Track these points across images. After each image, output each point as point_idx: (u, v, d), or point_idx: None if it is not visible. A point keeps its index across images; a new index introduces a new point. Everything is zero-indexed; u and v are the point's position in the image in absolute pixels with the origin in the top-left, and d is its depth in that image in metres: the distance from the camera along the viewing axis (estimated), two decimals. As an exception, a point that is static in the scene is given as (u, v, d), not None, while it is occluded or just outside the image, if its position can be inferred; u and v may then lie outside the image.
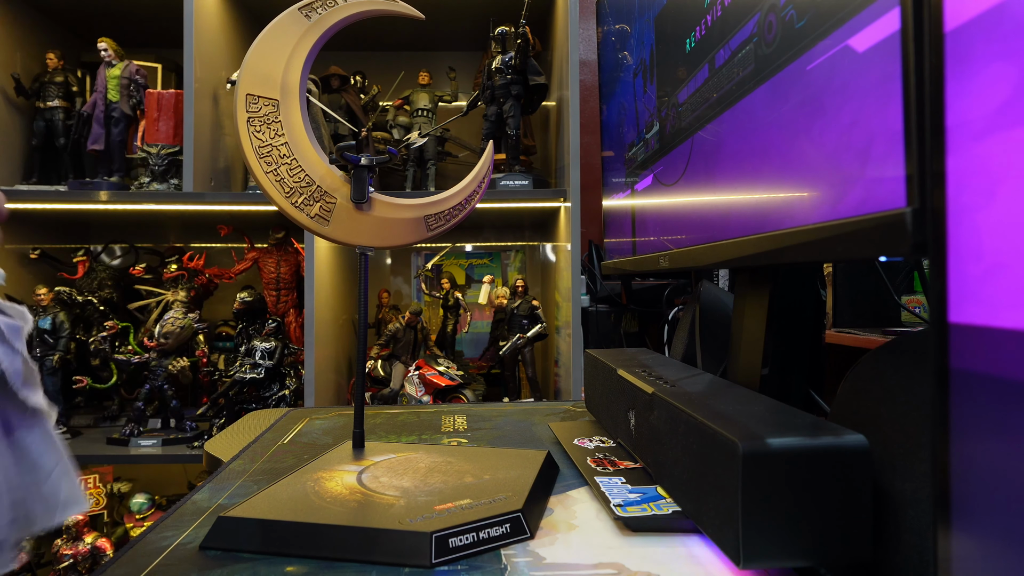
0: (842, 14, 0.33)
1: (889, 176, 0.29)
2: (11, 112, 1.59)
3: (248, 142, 0.54)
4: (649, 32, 0.69)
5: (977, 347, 0.22)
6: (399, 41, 1.81)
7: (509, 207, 1.50)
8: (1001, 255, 0.21)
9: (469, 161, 1.75)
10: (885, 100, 0.29)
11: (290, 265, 1.61)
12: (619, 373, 0.57)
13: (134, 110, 1.54)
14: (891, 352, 0.37)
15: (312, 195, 0.56)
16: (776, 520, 0.32)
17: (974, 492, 0.22)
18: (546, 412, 0.83)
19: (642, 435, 0.51)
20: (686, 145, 0.58)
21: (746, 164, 0.45)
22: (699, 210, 0.55)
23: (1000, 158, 0.22)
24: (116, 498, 1.56)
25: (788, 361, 0.60)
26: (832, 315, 1.29)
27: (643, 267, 0.71)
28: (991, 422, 0.22)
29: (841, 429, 0.34)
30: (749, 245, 0.43)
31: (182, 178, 1.42)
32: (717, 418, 0.37)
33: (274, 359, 1.49)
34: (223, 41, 1.56)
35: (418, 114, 1.64)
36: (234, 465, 0.60)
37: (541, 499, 0.49)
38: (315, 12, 0.56)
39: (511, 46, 1.44)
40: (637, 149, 0.75)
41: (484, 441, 0.68)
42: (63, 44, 1.67)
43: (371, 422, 0.78)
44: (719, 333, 0.74)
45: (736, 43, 0.47)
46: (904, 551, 0.32)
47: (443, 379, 1.42)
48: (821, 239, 0.34)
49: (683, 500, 0.42)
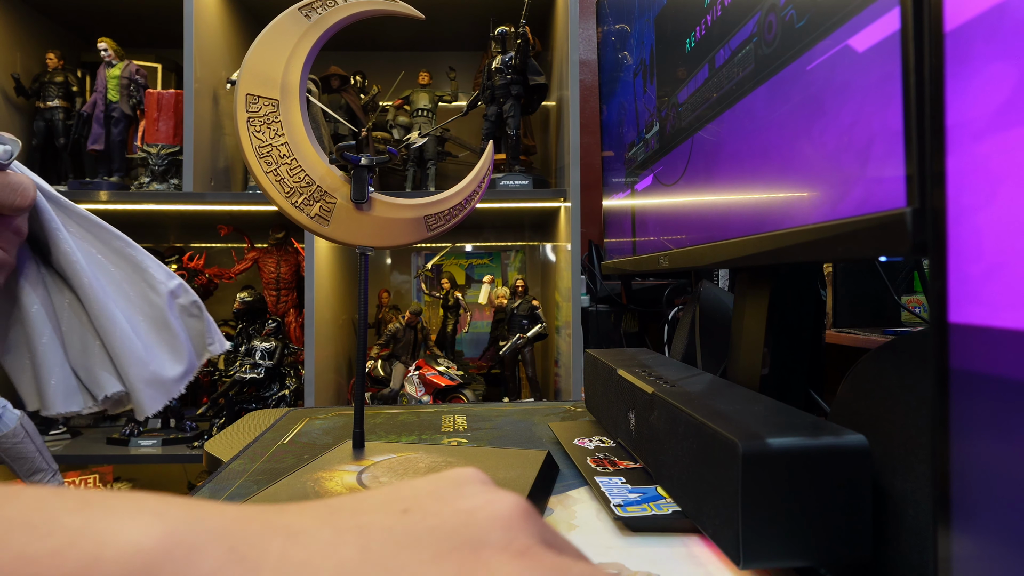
0: (842, 14, 0.33)
1: (889, 176, 0.29)
2: (11, 112, 1.59)
3: (248, 142, 0.54)
4: (649, 32, 0.69)
5: (977, 347, 0.22)
6: (399, 41, 1.81)
7: (509, 207, 1.50)
8: (1001, 255, 0.21)
9: (469, 161, 1.75)
10: (885, 100, 0.29)
11: (290, 265, 1.61)
12: (619, 373, 0.57)
13: (134, 110, 1.54)
14: (891, 352, 0.37)
15: (312, 195, 0.56)
16: (776, 520, 0.32)
17: (974, 492, 0.22)
18: (546, 412, 0.83)
19: (642, 435, 0.51)
20: (686, 145, 0.58)
21: (746, 164, 0.45)
22: (699, 210, 0.55)
23: (1000, 158, 0.22)
24: (116, 498, 1.55)
25: (788, 361, 0.60)
26: (832, 315, 1.29)
27: (643, 267, 0.71)
28: (991, 422, 0.22)
29: (841, 429, 0.34)
30: (749, 245, 0.43)
31: (182, 178, 1.42)
32: (717, 418, 0.37)
33: (274, 359, 1.49)
34: (223, 41, 1.56)
35: (418, 114, 1.64)
36: (234, 465, 0.60)
37: (541, 499, 0.49)
38: (315, 12, 0.56)
39: (511, 46, 1.44)
40: (637, 149, 0.75)
41: (484, 441, 0.68)
42: (63, 44, 1.67)
43: (371, 422, 0.78)
44: (719, 333, 0.74)
45: (736, 43, 0.47)
46: (904, 551, 0.32)
47: (443, 379, 1.42)
48: (821, 239, 0.34)
49: (683, 500, 0.42)
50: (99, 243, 0.44)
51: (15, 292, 0.42)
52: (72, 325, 0.43)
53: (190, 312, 0.47)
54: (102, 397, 0.43)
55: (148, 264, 0.46)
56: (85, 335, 0.43)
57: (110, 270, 0.44)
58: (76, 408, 0.42)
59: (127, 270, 0.45)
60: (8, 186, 0.36)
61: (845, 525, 0.33)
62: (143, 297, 0.45)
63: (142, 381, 0.43)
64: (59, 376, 0.42)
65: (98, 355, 0.43)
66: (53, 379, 0.41)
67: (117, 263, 0.45)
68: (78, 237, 0.43)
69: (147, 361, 0.43)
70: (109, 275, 0.44)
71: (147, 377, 0.43)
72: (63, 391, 0.42)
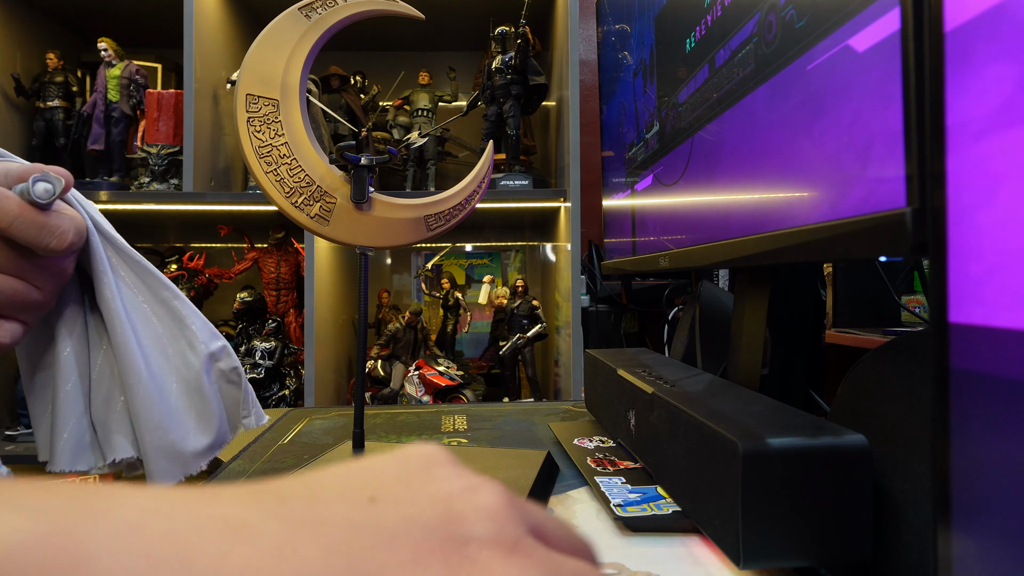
0: (842, 14, 0.33)
1: (889, 176, 0.29)
2: (11, 112, 1.59)
3: (248, 142, 0.54)
4: (649, 32, 0.69)
5: (977, 347, 0.22)
6: (399, 41, 1.81)
7: (509, 207, 1.50)
8: (1001, 255, 0.21)
9: (469, 161, 1.75)
10: (885, 100, 0.29)
11: (290, 265, 1.61)
12: (619, 373, 0.57)
13: (134, 110, 1.54)
14: (891, 352, 0.37)
15: (312, 195, 0.56)
16: (776, 520, 0.32)
17: (974, 492, 0.22)
18: (546, 412, 0.83)
19: (642, 435, 0.51)
20: (686, 145, 0.58)
21: (746, 164, 0.45)
22: (699, 210, 0.55)
23: (1000, 158, 0.22)
24: (116, 498, 1.55)
25: (788, 361, 0.60)
26: (832, 315, 1.29)
27: (643, 267, 0.71)
28: (991, 422, 0.22)
29: (841, 429, 0.34)
30: (749, 245, 0.43)
31: (182, 178, 1.42)
32: (717, 418, 0.37)
33: (274, 359, 1.49)
34: (223, 41, 1.56)
35: (418, 114, 1.64)
36: (234, 465, 0.60)
37: (541, 499, 0.49)
38: (315, 12, 0.56)
39: (511, 46, 1.44)
40: (637, 149, 0.75)
41: (484, 441, 0.68)
42: (63, 44, 1.67)
43: (371, 422, 0.78)
44: (719, 333, 0.74)
45: (736, 43, 0.47)
46: (904, 551, 0.32)
47: (443, 379, 1.42)
48: (821, 239, 0.34)
49: (683, 500, 0.42)
50: (147, 291, 0.42)
51: (53, 330, 0.40)
52: (103, 373, 0.41)
53: (229, 378, 0.44)
54: (111, 460, 0.40)
55: (192, 320, 0.43)
56: (112, 388, 0.41)
57: (152, 323, 0.42)
58: (83, 468, 0.40)
59: (169, 324, 0.42)
60: (45, 227, 0.34)
61: (845, 525, 0.33)
62: (181, 356, 0.42)
63: (157, 450, 0.40)
64: (72, 430, 0.39)
65: (118, 413, 0.41)
66: (66, 432, 0.39)
67: (161, 316, 0.42)
68: (127, 283, 0.41)
69: (168, 429, 0.40)
70: (151, 328, 0.41)
71: (163, 447, 0.40)
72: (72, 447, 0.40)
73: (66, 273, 0.38)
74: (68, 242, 0.35)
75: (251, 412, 0.46)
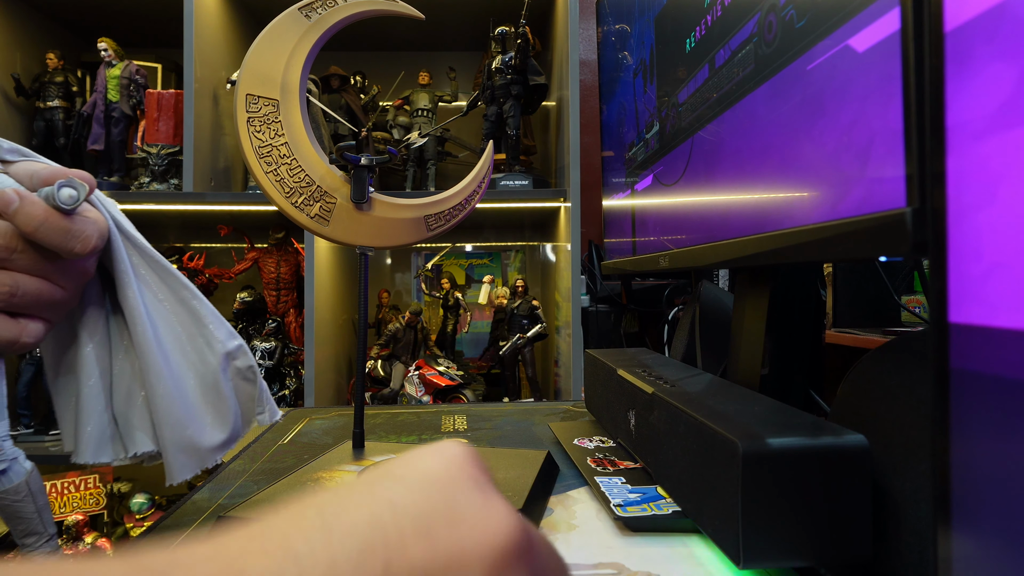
0: (842, 14, 0.33)
1: (889, 176, 0.29)
2: (11, 112, 1.59)
3: (248, 142, 0.54)
4: (649, 32, 0.69)
5: (977, 347, 0.22)
6: (399, 41, 1.81)
7: (509, 207, 1.50)
8: (1001, 255, 0.21)
9: (469, 161, 1.75)
10: (885, 100, 0.29)
11: (290, 265, 1.61)
12: (619, 373, 0.57)
13: (134, 110, 1.54)
14: (891, 352, 0.37)
15: (312, 195, 0.56)
16: (776, 520, 0.32)
17: (974, 492, 0.22)
18: (546, 412, 0.83)
19: (642, 435, 0.51)
20: (686, 145, 0.58)
21: (746, 164, 0.45)
22: (699, 210, 0.55)
23: (1000, 158, 0.22)
24: (116, 498, 1.56)
25: (788, 361, 0.60)
26: (832, 315, 1.29)
27: (643, 267, 0.71)
28: (991, 422, 0.22)
29: (841, 429, 0.34)
30: (749, 245, 0.43)
31: (182, 178, 1.42)
32: (717, 418, 0.37)
33: (274, 359, 1.49)
34: (223, 41, 1.56)
35: (418, 114, 1.64)
36: (234, 465, 0.60)
37: (541, 499, 0.49)
38: (315, 12, 0.56)
39: (511, 46, 1.44)
40: (637, 149, 0.75)
41: (484, 441, 0.68)
42: (63, 44, 1.67)
43: (371, 422, 0.78)
44: (719, 333, 0.74)
45: (736, 43, 0.47)
46: (904, 551, 0.32)
47: (443, 379, 1.42)
48: (821, 239, 0.34)
49: (683, 500, 0.42)
50: (167, 290, 0.43)
51: (76, 329, 0.41)
52: (123, 369, 0.42)
53: (244, 376, 0.46)
54: (132, 454, 0.42)
55: (211, 320, 0.44)
56: (132, 383, 0.42)
57: (172, 322, 0.43)
58: (106, 459, 0.41)
59: (188, 323, 0.44)
60: (69, 232, 0.35)
61: (845, 525, 0.33)
62: (199, 355, 0.44)
63: (175, 445, 0.41)
64: (95, 423, 0.41)
65: (139, 408, 0.42)
66: (89, 426, 0.40)
67: (180, 315, 0.43)
68: (147, 284, 0.42)
69: (185, 425, 0.41)
70: (170, 326, 0.43)
71: (181, 442, 0.41)
72: (95, 440, 0.41)
73: (88, 272, 0.39)
74: (92, 246, 0.37)
75: (265, 408, 0.47)
